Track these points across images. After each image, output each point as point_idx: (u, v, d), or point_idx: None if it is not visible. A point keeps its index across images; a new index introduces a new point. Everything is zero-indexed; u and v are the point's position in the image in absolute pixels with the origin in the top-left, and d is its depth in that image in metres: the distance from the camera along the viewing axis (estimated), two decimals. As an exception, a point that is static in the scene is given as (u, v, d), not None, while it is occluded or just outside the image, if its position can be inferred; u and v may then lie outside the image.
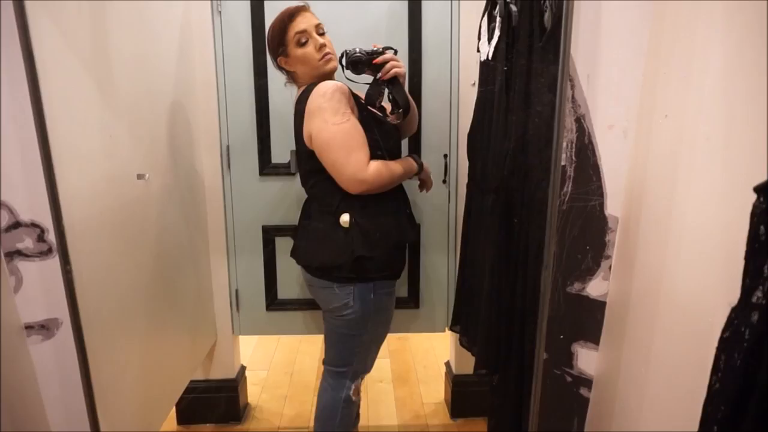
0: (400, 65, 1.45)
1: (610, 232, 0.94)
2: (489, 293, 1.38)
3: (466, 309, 1.64)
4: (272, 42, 1.50)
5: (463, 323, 1.68)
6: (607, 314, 0.98)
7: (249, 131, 2.05)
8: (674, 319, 0.79)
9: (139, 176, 1.47)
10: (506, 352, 1.34)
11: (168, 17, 1.76)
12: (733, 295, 0.59)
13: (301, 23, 1.44)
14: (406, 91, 1.54)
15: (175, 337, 1.77)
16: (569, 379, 1.03)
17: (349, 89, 1.44)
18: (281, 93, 1.99)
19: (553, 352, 1.02)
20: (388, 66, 1.43)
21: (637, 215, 0.89)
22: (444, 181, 2.09)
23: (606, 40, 0.85)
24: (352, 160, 1.34)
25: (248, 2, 1.96)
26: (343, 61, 1.46)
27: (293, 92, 1.56)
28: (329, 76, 1.50)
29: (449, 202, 2.12)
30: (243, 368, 2.40)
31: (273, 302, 2.19)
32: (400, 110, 1.50)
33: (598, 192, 0.92)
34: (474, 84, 1.90)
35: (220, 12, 1.97)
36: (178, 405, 2.21)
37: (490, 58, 1.47)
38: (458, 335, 1.77)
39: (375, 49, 1.45)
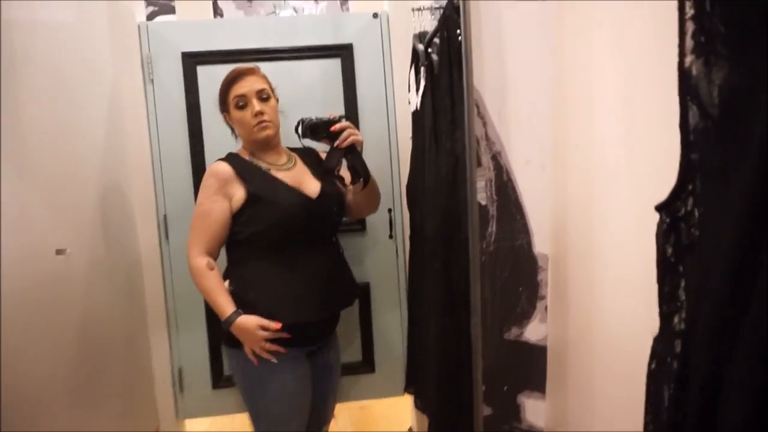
0: (357, 133, 1.46)
1: (542, 271, 0.90)
2: (435, 350, 1.31)
3: (418, 369, 1.56)
4: (219, 98, 1.54)
5: (416, 385, 1.59)
6: (549, 359, 0.92)
7: (187, 199, 1.97)
8: (610, 357, 0.74)
9: (59, 251, 1.38)
10: (458, 411, 1.25)
11: (95, 87, 1.73)
12: (655, 323, 0.54)
13: (242, 87, 1.46)
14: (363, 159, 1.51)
15: (107, 427, 1.61)
16: (519, 434, 0.96)
17: (234, 170, 1.45)
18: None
19: (499, 407, 0.94)
20: (345, 134, 1.43)
21: (564, 251, 0.86)
22: (390, 236, 2.05)
23: (512, 75, 0.85)
24: (192, 240, 1.47)
25: (181, 68, 1.95)
26: (300, 129, 1.46)
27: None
28: (265, 143, 1.50)
29: (397, 257, 2.06)
30: (192, 455, 2.21)
31: (220, 379, 2.04)
32: (361, 179, 1.47)
33: (524, 230, 0.88)
34: (411, 138, 1.90)
35: (152, 80, 1.94)
36: (117, 505, 1.99)
37: (418, 108, 1.47)
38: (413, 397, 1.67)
39: (331, 117, 1.46)
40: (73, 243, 1.45)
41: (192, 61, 1.95)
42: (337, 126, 1.43)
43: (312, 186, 1.51)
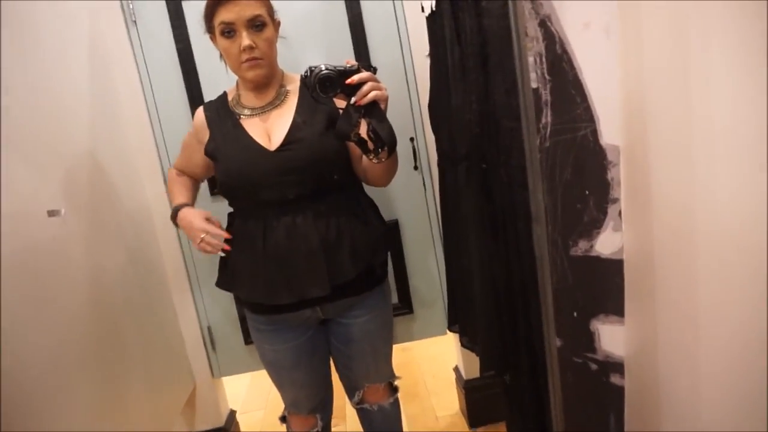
0: (381, 87, 1.12)
1: (612, 168, 0.72)
2: (480, 278, 1.16)
3: (461, 303, 1.42)
4: (204, 18, 1.27)
5: (460, 320, 1.45)
6: (628, 275, 0.75)
7: (191, 149, 1.82)
8: (724, 259, 0.57)
9: (51, 212, 1.24)
10: (513, 345, 1.11)
11: (71, 34, 1.55)
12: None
13: (230, 12, 1.19)
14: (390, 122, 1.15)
15: (138, 392, 1.53)
16: (594, 366, 0.80)
17: (207, 117, 1.36)
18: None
19: (569, 336, 0.79)
20: (366, 88, 1.09)
21: (644, 139, 0.68)
22: (415, 167, 1.87)
23: None
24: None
25: (165, 8, 1.75)
26: (309, 81, 1.12)
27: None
28: (257, 83, 1.29)
29: (425, 189, 1.89)
30: (233, 413, 2.15)
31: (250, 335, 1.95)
32: (385, 147, 1.13)
33: (587, 117, 0.70)
34: (428, 56, 1.68)
35: (134, 22, 1.76)
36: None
37: (434, 8, 1.26)
38: (458, 335, 1.54)
39: (348, 66, 1.12)
40: (67, 203, 1.32)
41: (175, -5, 1.75)
42: (356, 78, 1.09)
43: (281, 133, 1.25)
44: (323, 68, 1.09)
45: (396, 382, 1.55)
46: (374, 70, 1.14)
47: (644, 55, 0.65)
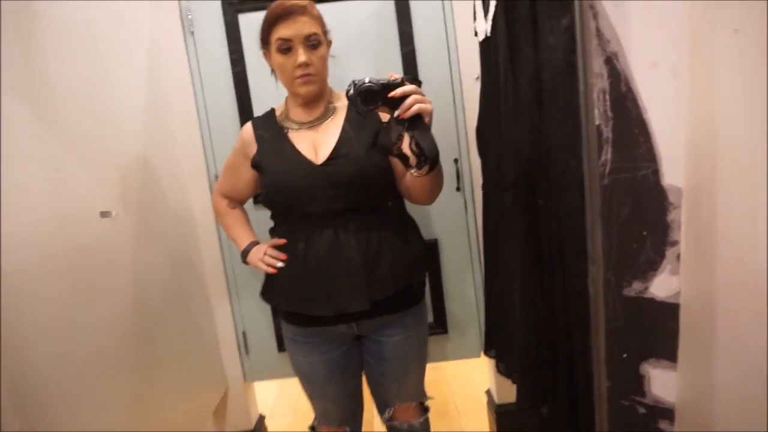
0: (425, 100, 1.09)
1: (673, 209, 0.70)
2: (522, 308, 1.14)
3: (499, 329, 1.40)
4: (260, 33, 1.30)
5: (497, 346, 1.43)
6: (684, 321, 0.73)
7: (238, 158, 1.86)
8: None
9: (104, 213, 1.29)
10: (553, 379, 1.08)
11: (132, 41, 1.61)
12: None
13: (288, 29, 1.22)
14: (433, 136, 1.12)
15: (172, 392, 1.56)
16: (642, 410, 0.78)
17: (255, 132, 1.36)
18: (267, 112, 1.81)
19: (617, 378, 0.77)
20: (409, 101, 1.07)
21: (709, 182, 0.66)
22: (458, 189, 1.86)
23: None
24: (217, 184, 1.54)
25: (222, 20, 1.80)
26: (352, 94, 1.10)
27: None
28: (308, 99, 1.31)
29: (466, 211, 1.88)
30: (262, 418, 2.17)
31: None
32: (427, 161, 1.10)
33: (649, 156, 0.68)
34: (477, 78, 1.68)
35: (192, 33, 1.81)
36: (190, 468, 1.99)
37: (488, 33, 1.26)
38: (494, 360, 1.51)
39: (392, 79, 1.10)
40: (118, 205, 1.36)
41: (232, 9, 1.80)
42: (398, 91, 1.07)
43: (328, 148, 1.27)
44: (366, 81, 1.09)
45: (427, 402, 1.54)
46: (419, 84, 1.13)
47: (715, 97, 0.63)
